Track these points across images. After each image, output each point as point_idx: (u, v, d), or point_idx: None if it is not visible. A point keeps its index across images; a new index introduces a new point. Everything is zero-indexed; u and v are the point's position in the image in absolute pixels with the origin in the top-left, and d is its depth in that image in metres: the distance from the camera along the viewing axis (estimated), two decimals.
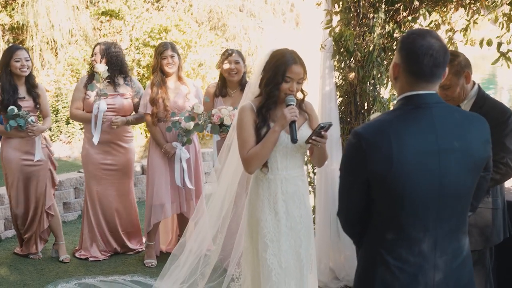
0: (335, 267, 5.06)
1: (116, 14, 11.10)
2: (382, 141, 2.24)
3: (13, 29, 11.09)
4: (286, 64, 3.46)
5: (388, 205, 2.29)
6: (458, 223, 2.34)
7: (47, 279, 5.33)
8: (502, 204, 3.71)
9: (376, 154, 2.24)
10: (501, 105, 3.65)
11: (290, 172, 3.59)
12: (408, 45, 2.30)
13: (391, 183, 2.23)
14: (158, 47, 5.69)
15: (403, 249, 2.28)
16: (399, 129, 2.25)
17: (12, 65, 5.52)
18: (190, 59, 10.60)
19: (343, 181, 2.42)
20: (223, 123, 5.09)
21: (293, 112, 3.40)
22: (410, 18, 4.86)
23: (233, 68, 5.38)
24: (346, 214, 2.46)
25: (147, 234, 5.71)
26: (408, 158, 2.22)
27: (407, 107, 2.31)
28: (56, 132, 9.85)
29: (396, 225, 2.29)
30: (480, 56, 4.84)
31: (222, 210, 4.05)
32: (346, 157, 2.39)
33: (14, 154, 5.59)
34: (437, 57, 2.26)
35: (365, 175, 2.28)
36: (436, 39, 2.29)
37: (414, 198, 2.24)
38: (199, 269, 4.33)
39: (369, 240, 2.40)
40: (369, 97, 4.97)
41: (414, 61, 2.28)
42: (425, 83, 2.30)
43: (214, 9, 12.53)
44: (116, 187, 5.89)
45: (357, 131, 2.31)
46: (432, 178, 2.24)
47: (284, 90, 3.48)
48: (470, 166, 2.30)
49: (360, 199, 2.36)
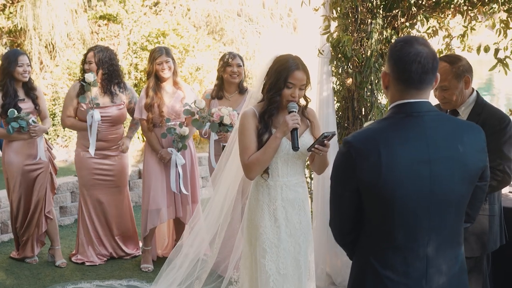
0: (332, 272, 5.06)
1: (114, 18, 11.10)
2: (371, 150, 2.21)
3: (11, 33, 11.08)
4: (289, 70, 3.44)
5: (378, 214, 2.27)
6: (451, 233, 2.30)
7: (43, 283, 5.31)
8: (499, 210, 3.70)
9: (365, 163, 2.21)
10: (499, 112, 3.65)
11: (291, 178, 3.59)
12: (396, 53, 2.27)
13: (381, 192, 2.21)
14: (152, 52, 5.67)
15: (394, 259, 2.25)
16: (389, 138, 2.23)
17: (16, 70, 5.56)
18: (187, 64, 10.59)
19: (333, 190, 2.39)
20: (222, 122, 5.10)
21: (295, 119, 3.39)
22: (407, 24, 4.88)
23: (236, 71, 5.40)
24: (338, 223, 2.43)
25: (144, 239, 5.70)
26: (398, 166, 2.19)
27: (398, 115, 2.28)
28: (53, 136, 9.83)
29: (387, 234, 2.26)
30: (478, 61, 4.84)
31: (221, 215, 4.03)
32: (336, 166, 2.36)
33: (16, 158, 5.59)
34: (425, 64, 2.23)
35: (355, 184, 2.26)
36: (424, 46, 2.26)
37: (405, 207, 2.21)
38: (196, 272, 4.31)
39: (361, 249, 2.37)
40: (367, 103, 4.97)
41: (402, 69, 2.25)
42: (415, 91, 2.27)
43: (212, 14, 12.54)
44: (111, 192, 5.88)
45: (347, 140, 2.29)
46: (423, 187, 2.21)
47: (286, 96, 3.47)
48: (464, 175, 2.26)
49: (351, 209, 2.33)
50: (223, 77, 5.48)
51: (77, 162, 5.87)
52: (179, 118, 5.61)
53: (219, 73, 5.52)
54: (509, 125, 3.55)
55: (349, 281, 2.46)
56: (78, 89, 5.70)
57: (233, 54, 5.54)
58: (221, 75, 5.50)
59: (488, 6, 4.63)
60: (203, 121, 5.21)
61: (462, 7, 4.76)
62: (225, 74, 5.44)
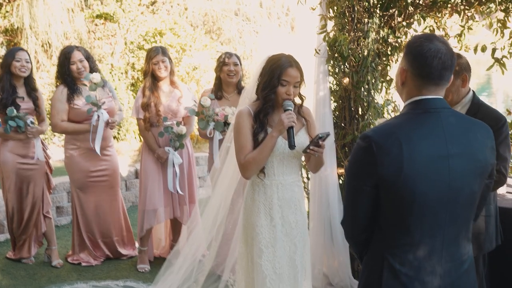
0: (329, 273, 5.05)
1: (111, 17, 11.06)
2: (392, 144, 2.21)
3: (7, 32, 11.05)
4: (282, 67, 3.44)
5: (396, 210, 2.26)
6: (463, 229, 2.32)
7: (39, 284, 5.29)
8: (495, 211, 3.70)
9: (387, 157, 2.21)
10: (495, 112, 3.65)
11: (287, 178, 3.58)
12: (416, 48, 2.29)
13: (401, 187, 2.21)
14: (149, 52, 5.65)
15: (410, 255, 2.26)
16: (409, 133, 2.24)
17: (13, 64, 5.53)
18: (184, 63, 10.57)
19: (351, 186, 2.37)
20: (227, 121, 5.10)
21: (290, 117, 3.37)
22: (404, 23, 4.87)
23: (232, 70, 5.38)
24: (353, 220, 2.41)
25: (140, 239, 5.68)
26: (419, 162, 2.20)
27: (415, 111, 2.29)
28: (50, 136, 9.80)
29: (403, 230, 2.26)
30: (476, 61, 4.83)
31: (218, 216, 4.03)
32: (355, 161, 2.34)
33: (11, 157, 5.57)
34: (445, 60, 2.26)
35: (375, 179, 2.25)
36: (443, 43, 2.29)
37: (423, 202, 2.22)
38: (193, 275, 4.30)
39: (375, 245, 2.36)
40: (364, 102, 4.96)
41: (423, 64, 2.26)
42: (433, 87, 2.29)
43: (209, 13, 12.52)
44: (106, 193, 5.83)
45: (367, 134, 2.28)
46: (442, 183, 2.22)
47: (281, 94, 3.47)
48: (478, 171, 2.29)
49: (368, 205, 2.32)
50: (220, 77, 5.47)
51: (69, 164, 5.77)
52: (176, 117, 5.60)
53: (217, 73, 5.51)
54: (504, 125, 3.55)
55: (360, 278, 2.45)
56: (67, 93, 5.61)
57: (230, 53, 5.53)
58: (218, 75, 5.49)
59: (485, 5, 4.63)
60: (208, 120, 5.21)
61: (459, 7, 4.75)
62: (222, 73, 5.42)
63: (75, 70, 5.61)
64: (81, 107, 5.62)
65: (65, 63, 5.62)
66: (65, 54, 5.65)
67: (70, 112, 5.65)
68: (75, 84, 5.66)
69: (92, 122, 5.59)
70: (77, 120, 5.66)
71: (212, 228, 4.07)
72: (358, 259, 2.50)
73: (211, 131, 5.28)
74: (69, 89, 5.63)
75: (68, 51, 5.66)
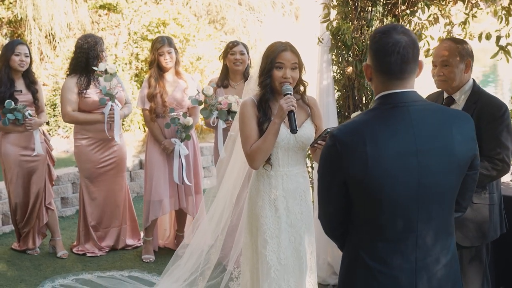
0: (334, 263, 5.04)
1: (114, 8, 11.05)
2: (357, 143, 2.18)
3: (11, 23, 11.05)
4: (275, 51, 3.46)
5: (366, 207, 2.24)
6: (441, 224, 2.28)
7: (44, 274, 5.31)
8: (499, 199, 3.68)
9: (351, 156, 2.19)
10: (496, 100, 3.62)
11: (292, 168, 3.56)
12: (375, 44, 2.25)
13: (368, 185, 2.18)
14: (154, 42, 5.63)
15: (384, 252, 2.23)
16: (375, 130, 2.20)
17: (11, 58, 5.53)
18: (188, 53, 10.55)
19: (321, 184, 2.36)
20: (230, 110, 5.09)
21: (289, 101, 3.33)
22: (408, 11, 4.82)
23: (239, 58, 5.38)
24: (327, 217, 2.40)
25: (145, 229, 5.69)
26: (385, 159, 2.16)
27: (383, 106, 2.25)
28: (54, 127, 9.82)
29: (375, 227, 2.23)
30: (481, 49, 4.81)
31: (225, 209, 4.03)
32: (323, 159, 2.33)
33: (12, 149, 5.58)
34: (404, 53, 2.20)
35: (343, 177, 2.23)
36: (403, 34, 2.22)
37: (392, 199, 2.18)
38: (200, 268, 4.31)
39: (350, 242, 2.35)
40: (367, 91, 4.93)
41: (382, 60, 2.23)
42: (397, 81, 2.24)
43: (213, 2, 12.49)
44: (112, 183, 5.85)
45: (332, 133, 2.26)
46: (411, 179, 2.18)
47: (277, 78, 3.44)
48: (452, 166, 2.24)
49: (340, 202, 2.31)
50: (227, 65, 5.46)
51: (79, 154, 5.80)
52: (181, 108, 5.59)
53: (223, 62, 5.51)
54: (506, 113, 3.52)
55: (339, 274, 2.44)
56: (78, 82, 5.63)
57: (236, 42, 5.56)
58: (225, 64, 5.48)
59: None
60: (211, 109, 5.20)
61: None
62: (229, 62, 5.42)
63: (103, 57, 5.67)
64: (92, 97, 5.62)
65: (96, 48, 5.65)
66: (95, 39, 5.70)
67: (80, 102, 5.65)
68: (92, 73, 5.67)
69: (105, 112, 5.59)
70: (88, 110, 5.67)
71: (219, 221, 4.07)
72: (341, 251, 2.48)
73: (215, 120, 5.27)
74: (85, 78, 5.64)
75: (96, 41, 5.69)
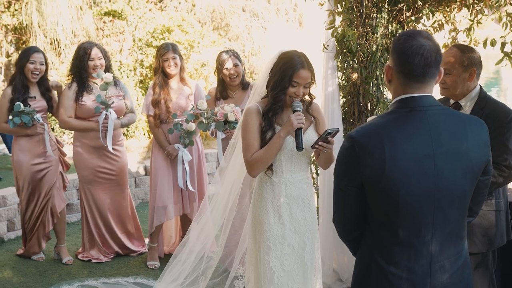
0: (339, 269, 5.04)
1: (119, 15, 11.09)
2: (375, 145, 2.20)
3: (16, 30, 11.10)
4: (294, 68, 3.40)
5: (382, 210, 2.26)
6: (455, 228, 2.30)
7: (49, 280, 5.32)
8: (505, 205, 3.67)
9: (369, 158, 2.21)
10: (503, 106, 3.61)
11: (295, 175, 3.56)
12: (399, 46, 2.27)
13: (385, 188, 2.20)
14: (159, 49, 5.64)
15: (398, 255, 2.25)
16: (392, 133, 2.22)
17: (26, 66, 5.54)
18: (193, 60, 10.58)
19: (337, 186, 2.37)
20: (227, 120, 5.09)
21: (299, 119, 3.36)
22: (413, 18, 4.84)
23: (233, 73, 5.38)
24: (342, 220, 2.41)
25: (150, 236, 5.70)
26: (402, 162, 2.18)
27: (401, 110, 2.27)
28: (59, 133, 9.84)
29: (391, 230, 2.25)
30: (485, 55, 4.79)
31: (226, 209, 4.02)
32: (339, 161, 2.35)
33: (24, 158, 5.58)
34: (427, 56, 2.23)
35: (359, 180, 2.25)
36: (427, 39, 2.26)
37: (408, 202, 2.20)
38: (201, 267, 4.29)
39: (365, 245, 2.36)
40: (372, 98, 4.94)
41: (405, 61, 2.25)
42: (418, 84, 2.26)
43: (217, 9, 12.51)
44: (113, 190, 5.85)
45: (350, 135, 2.28)
46: (427, 182, 2.20)
47: (290, 93, 3.45)
48: (467, 170, 2.26)
49: (356, 205, 2.32)
50: (223, 79, 5.46)
51: (77, 161, 5.82)
52: None
53: (218, 75, 5.49)
54: None
55: (353, 277, 2.45)
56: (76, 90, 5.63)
57: (227, 55, 5.43)
58: (220, 77, 5.47)
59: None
60: (208, 122, 5.20)
61: (468, 1, 4.72)
62: (224, 77, 5.42)
63: (91, 66, 5.62)
64: (88, 104, 5.62)
65: (84, 58, 5.62)
66: (85, 49, 5.65)
67: (77, 109, 5.66)
68: (87, 80, 5.67)
69: (99, 120, 5.60)
70: (84, 117, 5.67)
71: (220, 222, 4.06)
72: (354, 256, 2.49)
73: (213, 131, 5.28)
74: (80, 86, 5.64)
75: (88, 47, 5.67)
